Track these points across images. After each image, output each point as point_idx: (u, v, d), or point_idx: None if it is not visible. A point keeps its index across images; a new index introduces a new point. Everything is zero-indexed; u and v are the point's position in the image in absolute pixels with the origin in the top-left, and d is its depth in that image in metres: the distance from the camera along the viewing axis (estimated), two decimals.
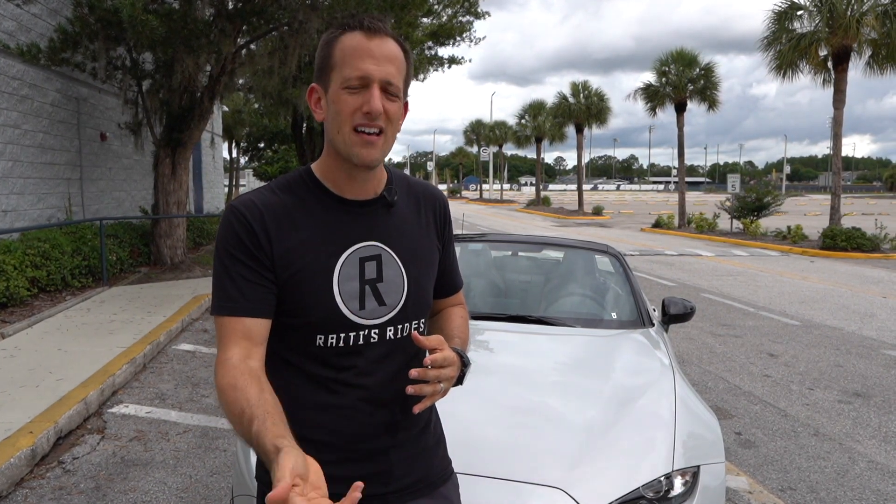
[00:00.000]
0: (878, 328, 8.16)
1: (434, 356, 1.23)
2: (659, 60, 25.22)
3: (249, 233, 1.26)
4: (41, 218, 10.58)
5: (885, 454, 4.35)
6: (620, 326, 3.53)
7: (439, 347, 1.25)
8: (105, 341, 6.33)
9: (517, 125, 45.60)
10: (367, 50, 1.24)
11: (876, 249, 16.70)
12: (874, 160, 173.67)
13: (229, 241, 1.27)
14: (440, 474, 1.47)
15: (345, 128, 1.25)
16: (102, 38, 9.79)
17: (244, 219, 1.27)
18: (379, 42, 1.25)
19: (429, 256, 1.44)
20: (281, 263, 1.27)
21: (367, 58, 1.23)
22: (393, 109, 1.27)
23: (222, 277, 1.26)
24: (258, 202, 1.29)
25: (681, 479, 2.14)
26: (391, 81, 1.25)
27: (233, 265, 1.26)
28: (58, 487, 3.66)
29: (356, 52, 1.24)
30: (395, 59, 1.27)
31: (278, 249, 1.27)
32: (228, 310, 1.25)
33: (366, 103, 1.23)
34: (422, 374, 1.22)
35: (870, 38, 17.16)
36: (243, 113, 31.55)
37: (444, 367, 1.24)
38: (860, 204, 48.99)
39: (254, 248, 1.26)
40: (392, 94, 1.26)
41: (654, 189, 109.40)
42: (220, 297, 1.26)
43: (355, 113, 1.24)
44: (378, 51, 1.24)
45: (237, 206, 1.29)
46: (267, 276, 1.26)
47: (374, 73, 1.23)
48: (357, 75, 1.23)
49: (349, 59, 1.24)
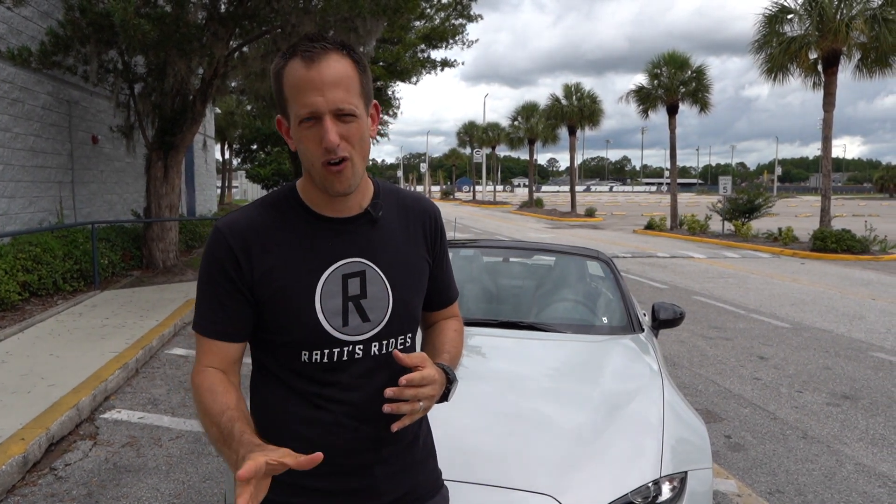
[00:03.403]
0: (867, 330, 8.23)
1: (411, 376, 1.22)
2: (651, 63, 25.37)
3: (230, 256, 1.30)
4: (32, 221, 10.54)
5: (871, 456, 4.39)
6: (610, 332, 3.56)
7: (421, 365, 1.25)
8: (97, 346, 6.32)
9: (510, 127, 45.72)
10: (309, 81, 1.21)
11: (866, 251, 16.81)
12: (864, 162, 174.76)
13: (211, 263, 1.32)
14: (429, 488, 1.48)
15: (315, 164, 1.26)
16: (94, 41, 9.77)
17: (225, 242, 1.30)
18: (318, 68, 1.21)
19: (416, 271, 1.44)
20: (261, 283, 1.30)
21: (311, 90, 1.21)
22: (352, 132, 1.24)
23: (203, 297, 1.34)
24: (242, 223, 1.32)
25: (669, 484, 2.17)
26: (341, 107, 1.22)
27: (213, 287, 1.32)
28: (50, 494, 3.66)
29: (299, 87, 1.21)
30: (342, 79, 1.22)
31: (258, 271, 1.30)
32: (205, 330, 1.32)
33: (322, 138, 1.22)
34: (397, 393, 1.22)
35: (859, 41, 17.30)
36: (236, 115, 31.51)
37: (423, 387, 1.24)
38: (851, 205, 49.31)
39: (233, 272, 1.30)
40: (347, 115, 1.23)
41: (646, 190, 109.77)
42: (199, 314, 1.34)
43: (317, 148, 1.24)
44: (319, 78, 1.20)
45: (221, 228, 1.32)
46: (246, 298, 1.31)
47: (321, 106, 1.21)
48: (307, 112, 1.22)
49: (295, 94, 1.22)
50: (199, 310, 1.33)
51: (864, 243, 16.97)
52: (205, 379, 1.29)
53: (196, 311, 1.35)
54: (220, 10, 10.36)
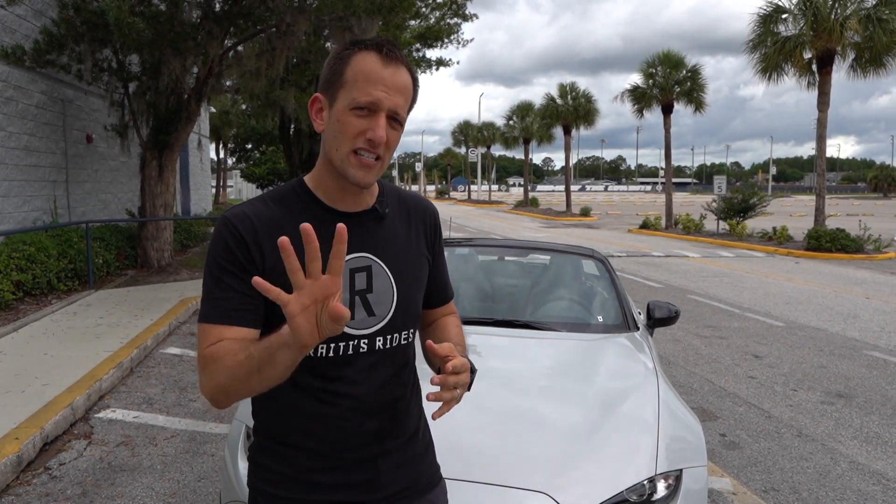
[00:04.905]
0: (861, 329, 8.27)
1: (453, 362, 1.25)
2: (646, 62, 25.40)
3: (241, 245, 1.28)
4: (26, 221, 10.50)
5: (865, 454, 4.41)
6: (606, 330, 3.56)
7: (451, 354, 1.27)
8: (91, 345, 6.30)
9: (505, 126, 45.73)
10: (381, 77, 1.25)
11: (860, 250, 16.88)
12: (859, 161, 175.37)
13: (221, 253, 1.28)
14: (428, 481, 1.50)
15: (344, 148, 1.27)
16: (88, 40, 9.74)
17: (237, 231, 1.28)
18: (393, 70, 1.27)
19: (418, 268, 1.46)
20: (272, 275, 1.28)
21: (380, 85, 1.25)
22: (394, 138, 1.29)
23: (213, 288, 1.27)
24: (251, 214, 1.31)
25: (664, 482, 2.18)
26: (398, 112, 1.27)
27: (224, 276, 1.27)
28: (44, 494, 3.64)
29: (370, 77, 1.25)
30: (406, 89, 1.29)
31: (270, 262, 1.28)
32: (217, 318, 1.25)
33: (370, 130, 1.25)
34: (442, 381, 1.24)
35: (853, 41, 17.38)
36: (231, 114, 31.46)
37: (461, 374, 1.27)
38: (845, 205, 49.50)
39: (245, 261, 1.27)
40: (396, 121, 1.29)
41: (641, 190, 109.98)
42: (209, 306, 1.27)
43: (358, 136, 1.26)
44: (391, 80, 1.26)
45: (230, 217, 1.31)
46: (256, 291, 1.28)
47: (384, 102, 1.25)
48: (367, 100, 1.25)
49: (361, 82, 1.25)
50: (209, 301, 1.27)
51: (859, 242, 17.04)
52: (217, 349, 1.21)
53: (204, 304, 1.28)
54: (214, 9, 10.33)
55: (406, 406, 1.43)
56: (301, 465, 1.35)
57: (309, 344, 1.03)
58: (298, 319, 1.01)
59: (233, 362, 1.16)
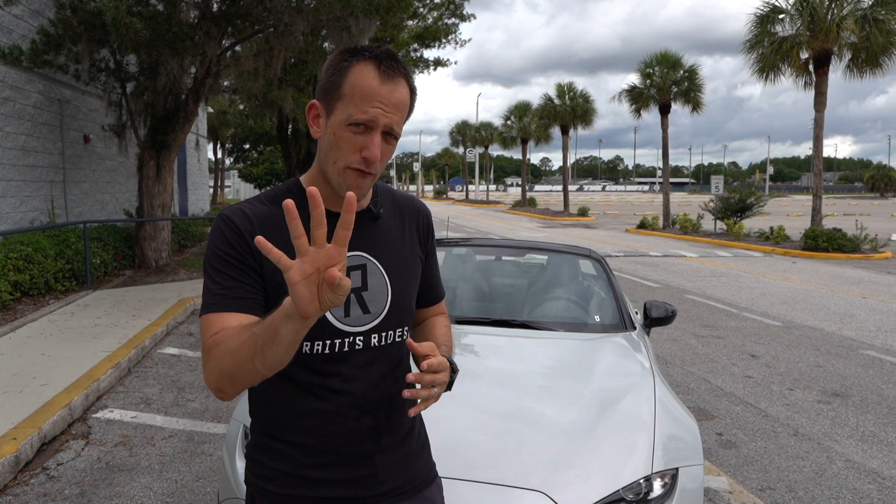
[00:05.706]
0: (858, 328, 8.29)
1: (430, 361, 1.26)
2: (643, 62, 25.45)
3: (240, 239, 1.28)
4: (24, 221, 10.49)
5: (861, 453, 4.43)
6: (603, 330, 3.58)
7: (431, 353, 1.29)
8: (89, 346, 6.30)
9: (503, 126, 45.76)
10: (379, 94, 1.25)
11: (856, 250, 16.92)
12: (855, 161, 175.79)
13: (219, 245, 1.29)
14: (424, 477, 1.51)
15: (340, 163, 1.28)
16: (86, 40, 9.72)
17: (234, 224, 1.29)
18: (391, 87, 1.26)
19: (412, 267, 1.48)
20: (269, 271, 1.29)
21: (377, 102, 1.25)
22: (386, 152, 1.30)
23: (212, 281, 1.27)
24: (248, 211, 1.33)
25: (660, 481, 2.19)
26: (394, 128, 1.28)
27: (223, 267, 1.27)
28: (42, 494, 3.65)
29: (367, 94, 1.24)
30: (403, 105, 1.29)
31: (266, 259, 1.29)
32: (218, 307, 1.25)
33: (365, 148, 1.25)
34: (418, 378, 1.25)
35: (850, 41, 17.41)
36: (228, 114, 31.42)
37: (438, 372, 1.28)
38: (842, 204, 49.59)
39: (244, 254, 1.28)
40: (391, 137, 1.29)
41: (639, 190, 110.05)
42: (210, 297, 1.27)
43: (354, 154, 1.26)
44: (388, 97, 1.25)
45: (227, 214, 1.32)
46: (256, 281, 1.28)
47: (381, 120, 1.25)
48: (364, 119, 1.25)
49: (359, 98, 1.25)
50: (210, 293, 1.26)
51: (855, 242, 17.08)
52: (220, 335, 1.20)
53: (204, 298, 1.27)
54: (212, 9, 10.33)
55: (401, 403, 1.44)
56: (297, 461, 1.36)
57: (310, 313, 1.01)
58: (299, 287, 0.99)
59: (236, 343, 1.15)
